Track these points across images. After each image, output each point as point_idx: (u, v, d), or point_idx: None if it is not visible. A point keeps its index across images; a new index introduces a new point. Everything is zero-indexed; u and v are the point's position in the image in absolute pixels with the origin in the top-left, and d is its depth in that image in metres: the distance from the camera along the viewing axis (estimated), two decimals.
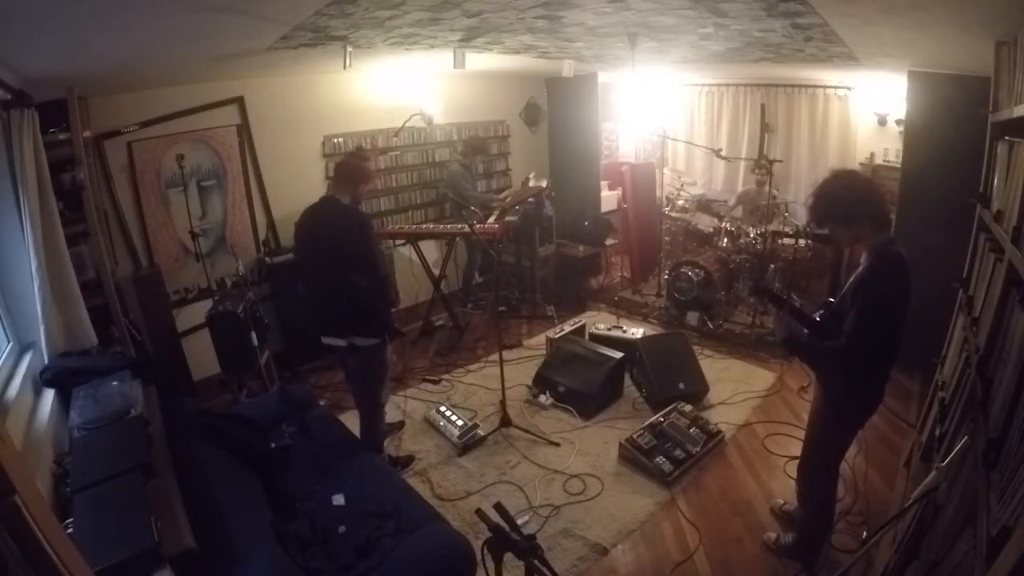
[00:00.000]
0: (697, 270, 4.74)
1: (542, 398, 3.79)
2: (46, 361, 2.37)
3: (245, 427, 2.58)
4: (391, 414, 3.54)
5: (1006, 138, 2.19)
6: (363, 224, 2.72)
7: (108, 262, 3.15)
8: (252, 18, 2.44)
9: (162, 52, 2.86)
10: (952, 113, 3.37)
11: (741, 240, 4.97)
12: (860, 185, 2.03)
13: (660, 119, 6.18)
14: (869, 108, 5.10)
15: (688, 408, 3.42)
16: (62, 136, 2.85)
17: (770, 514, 2.77)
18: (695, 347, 4.13)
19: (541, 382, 3.88)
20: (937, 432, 2.25)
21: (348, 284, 2.65)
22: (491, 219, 4.85)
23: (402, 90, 4.93)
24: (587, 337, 4.32)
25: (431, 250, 5.28)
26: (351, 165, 2.79)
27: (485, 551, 1.50)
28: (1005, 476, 1.27)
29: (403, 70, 4.76)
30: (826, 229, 2.07)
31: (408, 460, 3.24)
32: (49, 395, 2.24)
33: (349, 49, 3.26)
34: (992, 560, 1.10)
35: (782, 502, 2.77)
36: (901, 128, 4.38)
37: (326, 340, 2.84)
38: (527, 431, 3.44)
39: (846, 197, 1.98)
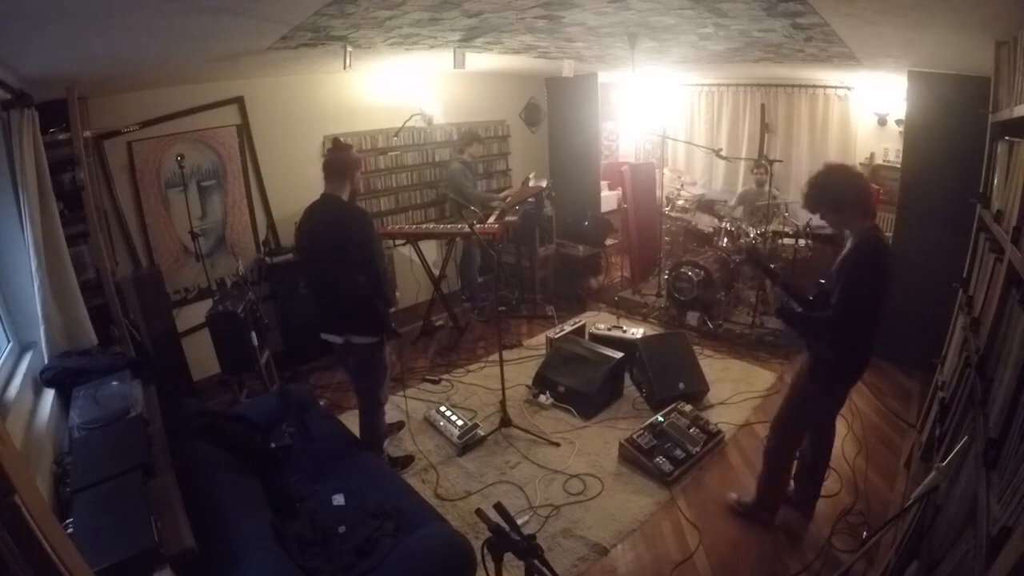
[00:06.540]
0: (697, 270, 4.74)
1: (542, 398, 3.79)
2: (46, 361, 2.37)
3: (245, 427, 2.58)
4: (391, 414, 3.53)
5: (1006, 138, 2.20)
6: (366, 222, 2.72)
7: (108, 262, 3.15)
8: (252, 18, 2.44)
9: (162, 52, 2.86)
10: (952, 113, 3.37)
11: (741, 240, 4.96)
12: (851, 177, 2.24)
13: (660, 119, 6.17)
14: (869, 108, 5.10)
15: (688, 408, 3.42)
16: (62, 136, 2.85)
17: None
18: (695, 347, 4.13)
19: (541, 382, 3.87)
20: (937, 432, 2.26)
21: (348, 281, 2.65)
22: (491, 219, 4.85)
23: (402, 90, 4.93)
24: (587, 337, 4.31)
25: (431, 250, 5.29)
26: (338, 158, 2.75)
27: (485, 551, 1.50)
28: (1005, 476, 1.27)
29: (403, 70, 4.76)
30: (818, 214, 2.30)
31: (408, 460, 3.24)
32: (49, 395, 2.24)
33: (349, 49, 3.26)
34: (992, 560, 1.10)
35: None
36: (901, 128, 4.38)
37: (324, 336, 2.86)
38: (527, 431, 3.44)
39: (838, 187, 2.20)
